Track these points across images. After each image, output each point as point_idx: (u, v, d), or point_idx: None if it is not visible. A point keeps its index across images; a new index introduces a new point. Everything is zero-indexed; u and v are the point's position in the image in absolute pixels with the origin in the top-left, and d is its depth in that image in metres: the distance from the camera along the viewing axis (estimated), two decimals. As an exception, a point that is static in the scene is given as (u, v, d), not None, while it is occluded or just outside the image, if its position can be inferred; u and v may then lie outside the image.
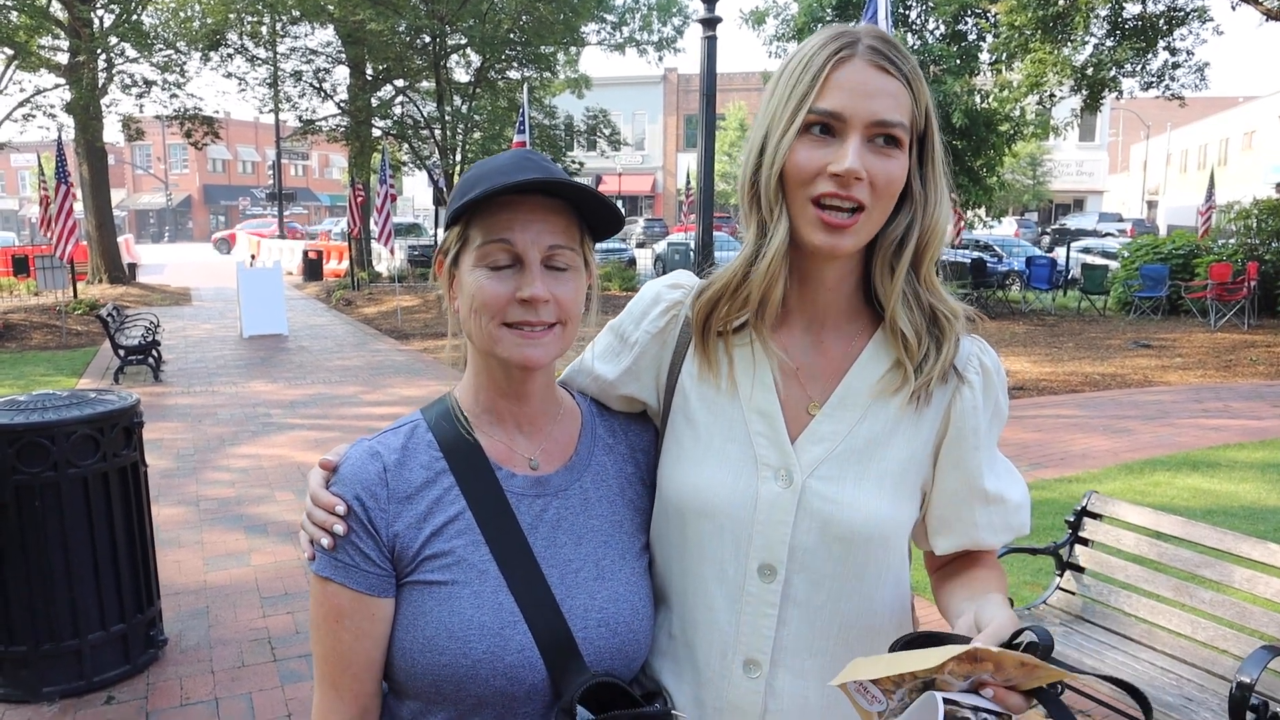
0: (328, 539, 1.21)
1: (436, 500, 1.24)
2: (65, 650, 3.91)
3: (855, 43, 1.19)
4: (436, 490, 1.25)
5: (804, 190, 1.19)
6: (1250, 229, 17.60)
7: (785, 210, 1.22)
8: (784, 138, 1.20)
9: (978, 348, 1.31)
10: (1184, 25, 17.01)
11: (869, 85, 1.17)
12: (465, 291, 1.24)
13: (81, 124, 21.64)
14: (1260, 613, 3.18)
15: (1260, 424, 8.96)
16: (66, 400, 4.02)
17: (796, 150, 1.19)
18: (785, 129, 1.20)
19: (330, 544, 1.20)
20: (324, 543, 1.21)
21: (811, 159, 1.18)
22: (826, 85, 1.18)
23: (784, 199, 1.22)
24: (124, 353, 11.42)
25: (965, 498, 1.29)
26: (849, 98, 1.17)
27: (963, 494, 1.29)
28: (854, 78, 1.17)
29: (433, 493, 1.25)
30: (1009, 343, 14.59)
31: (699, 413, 1.32)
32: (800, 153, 1.19)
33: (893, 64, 1.19)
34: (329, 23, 22.53)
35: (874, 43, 1.19)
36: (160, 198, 65.72)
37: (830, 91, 1.17)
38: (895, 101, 1.18)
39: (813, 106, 1.18)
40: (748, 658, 1.25)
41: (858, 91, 1.17)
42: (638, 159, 55.79)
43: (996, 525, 1.30)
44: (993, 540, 1.31)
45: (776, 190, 1.22)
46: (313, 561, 1.23)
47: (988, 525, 1.30)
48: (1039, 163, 48.13)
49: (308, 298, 23.33)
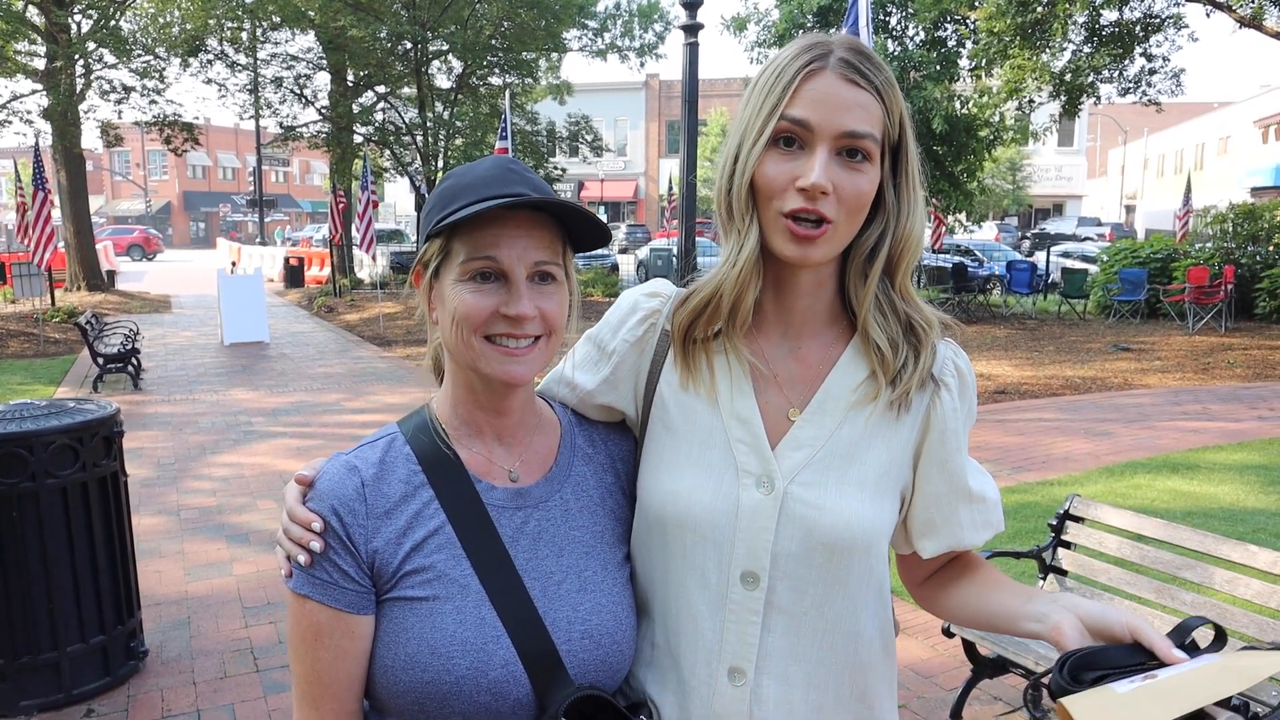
0: (304, 555, 1.19)
1: (416, 514, 1.23)
2: (44, 663, 3.86)
3: (827, 54, 1.20)
4: (415, 504, 1.23)
5: (774, 203, 1.20)
6: (1226, 233, 17.82)
7: (755, 220, 1.23)
8: (754, 148, 1.21)
9: (951, 351, 1.32)
10: (1160, 32, 17.19)
11: (839, 97, 1.18)
12: (446, 305, 1.22)
13: (59, 130, 21.45)
14: (1240, 613, 3.21)
15: (1238, 426, 9.06)
16: (45, 410, 3.98)
17: (765, 162, 1.20)
18: (755, 139, 1.21)
19: (307, 560, 1.19)
20: (300, 559, 1.19)
21: (780, 171, 1.19)
22: (797, 96, 1.19)
23: (755, 209, 1.23)
24: (103, 361, 11.31)
25: (950, 499, 1.30)
26: (818, 109, 1.18)
27: (948, 495, 1.30)
28: (824, 89, 1.18)
29: (411, 507, 1.23)
30: (990, 347, 14.68)
31: (678, 421, 1.32)
32: (769, 165, 1.20)
33: (863, 76, 1.19)
34: (310, 29, 22.47)
35: (846, 54, 1.20)
36: (140, 204, 65.19)
37: (800, 102, 1.18)
38: (865, 113, 1.19)
39: (783, 114, 1.19)
40: (732, 666, 1.25)
41: (827, 103, 1.18)
42: (620, 165, 55.84)
43: (979, 523, 1.32)
44: (975, 539, 1.33)
45: (747, 200, 1.23)
46: (289, 579, 1.21)
47: (971, 524, 1.32)
48: (1018, 168, 48.50)
49: (289, 304, 23.19)
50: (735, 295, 1.26)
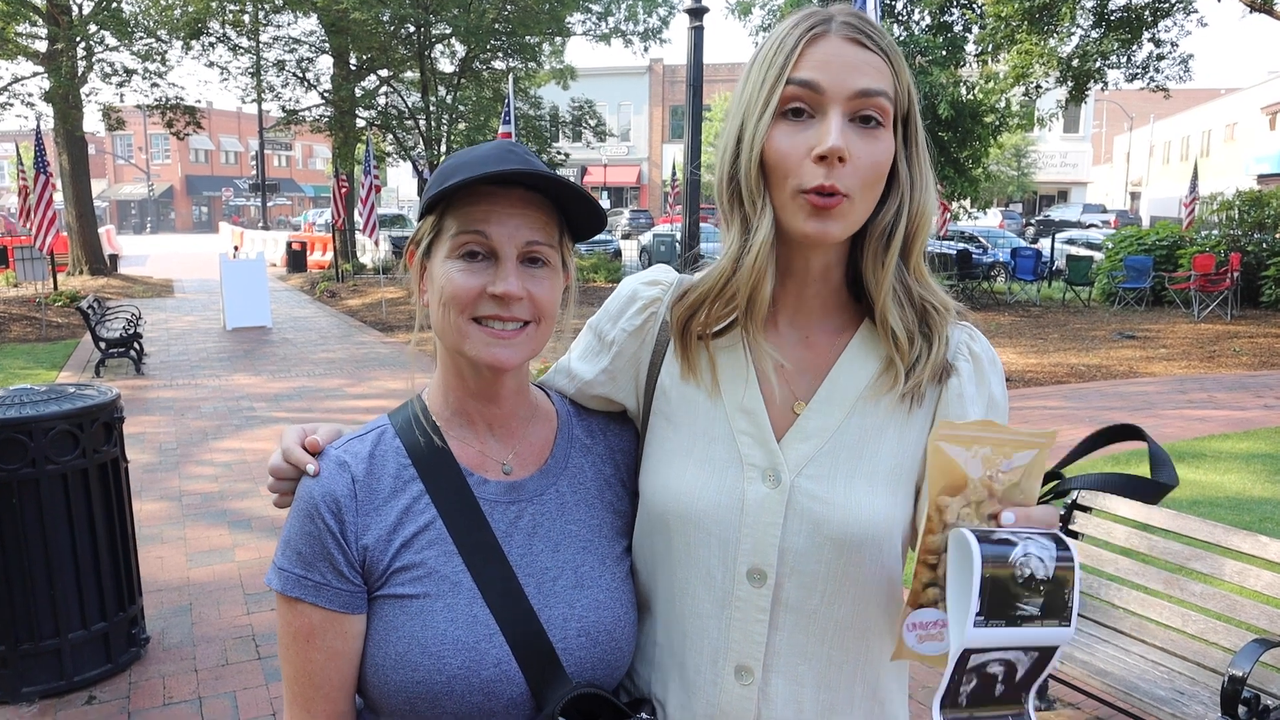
0: (313, 465, 1.19)
1: (406, 510, 1.19)
2: (45, 649, 3.85)
3: (829, 19, 1.14)
4: (405, 499, 1.20)
5: (789, 181, 1.13)
6: (1233, 220, 17.72)
7: (769, 200, 1.16)
8: (761, 120, 1.14)
9: (967, 335, 1.25)
10: (1169, 17, 17.08)
11: (846, 57, 1.12)
12: (435, 284, 1.19)
13: (61, 113, 21.38)
14: (1250, 605, 3.18)
15: (1244, 414, 9.02)
16: (45, 395, 3.95)
17: (775, 135, 1.13)
18: (761, 112, 1.14)
19: (315, 470, 1.19)
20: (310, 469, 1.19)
21: (794, 144, 1.12)
22: (802, 60, 1.12)
23: (766, 189, 1.16)
24: (105, 345, 11.29)
25: None
26: (827, 70, 1.11)
27: None
28: (831, 50, 1.12)
29: (401, 502, 1.20)
30: (994, 334, 14.63)
31: (680, 413, 1.27)
32: (779, 138, 1.13)
33: (869, 38, 1.14)
34: (312, 11, 22.30)
35: (848, 19, 1.14)
36: (142, 188, 65.13)
37: (806, 65, 1.12)
38: (876, 72, 1.12)
39: (790, 78, 1.12)
40: (739, 664, 1.21)
41: (836, 64, 1.12)
42: (623, 150, 55.63)
43: None
44: None
45: (758, 179, 1.15)
46: (278, 582, 1.18)
47: None
48: (1024, 154, 48.35)
49: (291, 289, 23.15)
50: (752, 284, 1.19)
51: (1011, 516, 0.99)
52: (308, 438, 1.23)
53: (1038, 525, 0.98)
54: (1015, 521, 0.98)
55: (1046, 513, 1.00)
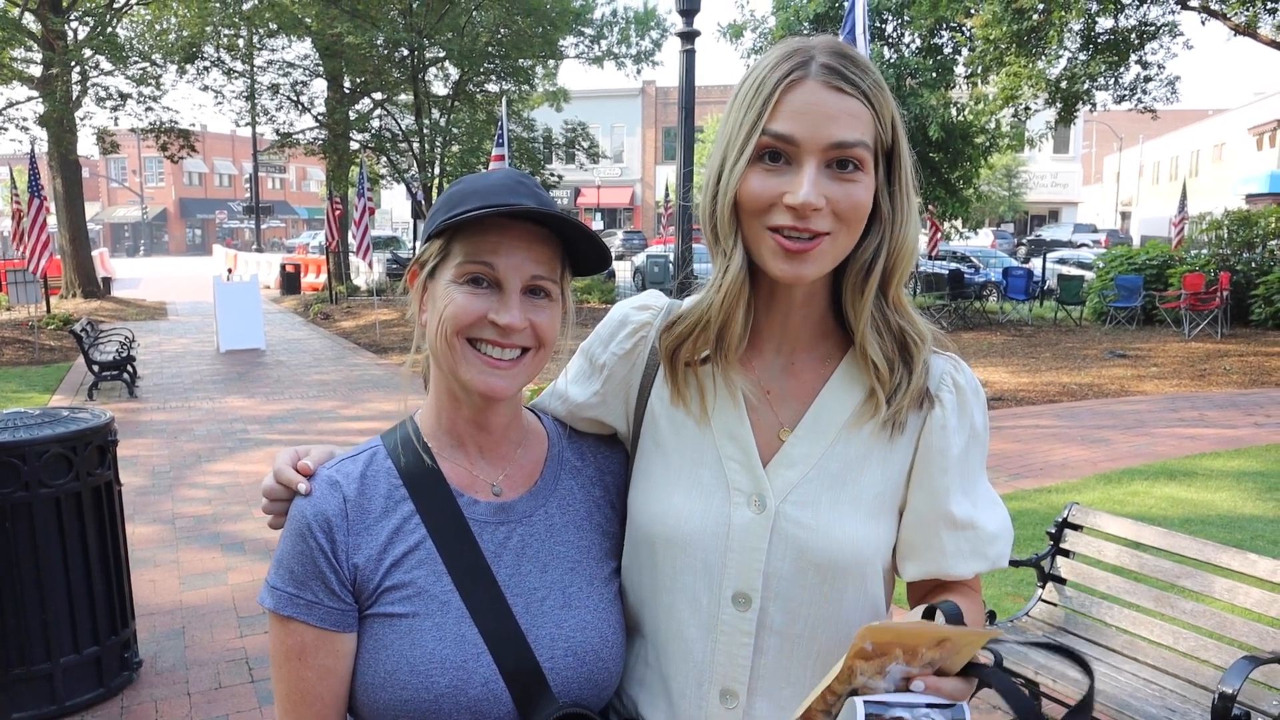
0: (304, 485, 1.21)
1: (396, 530, 1.21)
2: (36, 674, 3.83)
3: (808, 62, 1.14)
4: (396, 519, 1.22)
5: (759, 219, 1.15)
6: (1222, 239, 17.84)
7: (740, 240, 1.18)
8: (736, 165, 1.15)
9: (951, 366, 1.26)
10: (1155, 40, 17.25)
11: (824, 107, 1.12)
12: (437, 304, 1.20)
13: (55, 137, 21.43)
14: (1241, 622, 3.20)
15: (1235, 433, 9.05)
16: (38, 419, 3.96)
17: (749, 179, 1.14)
18: (738, 157, 1.15)
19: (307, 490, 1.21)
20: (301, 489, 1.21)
21: (766, 188, 1.13)
22: (779, 109, 1.13)
23: (739, 228, 1.18)
24: (98, 368, 11.28)
25: (931, 521, 1.23)
26: (802, 121, 1.12)
27: (928, 517, 1.23)
28: (807, 99, 1.12)
29: (392, 522, 1.21)
30: (986, 353, 14.69)
31: (669, 438, 1.29)
32: (753, 181, 1.14)
33: (849, 81, 1.13)
34: (306, 35, 22.47)
35: (828, 59, 1.14)
36: (136, 211, 65.15)
37: (782, 115, 1.12)
38: (854, 121, 1.12)
39: (765, 128, 1.13)
40: (724, 688, 1.22)
41: (811, 114, 1.12)
42: (616, 172, 55.86)
43: (965, 552, 1.23)
44: (961, 569, 1.23)
45: (731, 220, 1.17)
46: (270, 601, 1.20)
47: (956, 552, 1.23)
48: (1014, 174, 48.60)
49: (285, 311, 23.14)
50: (722, 321, 1.21)
51: (921, 685, 1.00)
52: (300, 460, 1.25)
53: (945, 696, 0.99)
54: (925, 690, 0.99)
55: (956, 685, 1.01)
